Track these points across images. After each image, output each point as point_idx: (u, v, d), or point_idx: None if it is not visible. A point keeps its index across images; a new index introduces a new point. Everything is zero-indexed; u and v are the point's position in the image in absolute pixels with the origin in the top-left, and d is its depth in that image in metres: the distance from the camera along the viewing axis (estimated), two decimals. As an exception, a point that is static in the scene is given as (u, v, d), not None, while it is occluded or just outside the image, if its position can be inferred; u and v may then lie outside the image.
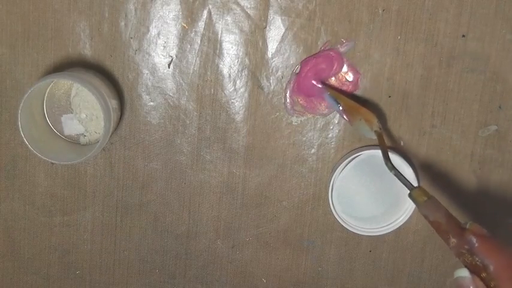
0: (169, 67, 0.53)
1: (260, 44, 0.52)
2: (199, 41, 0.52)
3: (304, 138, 0.54)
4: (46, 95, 0.53)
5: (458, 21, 0.52)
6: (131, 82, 0.53)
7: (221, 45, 0.52)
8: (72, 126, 0.53)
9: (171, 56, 0.52)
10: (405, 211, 0.54)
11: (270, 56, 0.52)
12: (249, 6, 0.51)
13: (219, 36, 0.52)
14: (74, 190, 0.55)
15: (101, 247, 0.56)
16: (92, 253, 0.56)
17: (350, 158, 0.52)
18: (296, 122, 0.54)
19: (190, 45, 0.52)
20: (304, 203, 0.55)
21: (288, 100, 0.53)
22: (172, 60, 0.52)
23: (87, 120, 0.52)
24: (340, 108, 0.51)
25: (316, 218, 0.56)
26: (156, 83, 0.53)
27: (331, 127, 0.54)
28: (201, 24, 0.52)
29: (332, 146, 0.54)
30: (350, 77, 0.53)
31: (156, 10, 0.51)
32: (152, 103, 0.53)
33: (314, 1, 0.51)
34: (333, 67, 0.53)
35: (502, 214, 0.56)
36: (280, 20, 0.52)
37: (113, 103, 0.50)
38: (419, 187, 0.44)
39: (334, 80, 0.53)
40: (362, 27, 0.52)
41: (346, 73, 0.53)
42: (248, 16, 0.52)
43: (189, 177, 0.55)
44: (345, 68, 0.53)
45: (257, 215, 0.56)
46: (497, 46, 0.52)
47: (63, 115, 0.53)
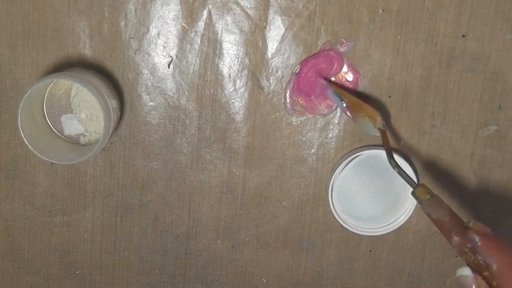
0: (169, 67, 0.53)
1: (260, 44, 0.52)
2: (199, 41, 0.52)
3: (304, 138, 0.54)
4: (46, 95, 0.53)
5: (458, 21, 0.52)
6: (131, 82, 0.53)
7: (221, 45, 0.52)
8: (72, 126, 0.53)
9: (171, 56, 0.52)
10: (405, 211, 0.54)
11: (270, 56, 0.52)
12: (249, 6, 0.51)
13: (219, 36, 0.52)
14: (74, 190, 0.55)
15: (101, 247, 0.56)
16: (92, 253, 0.56)
17: (350, 158, 0.52)
18: (296, 122, 0.54)
19: (190, 45, 0.52)
20: (304, 203, 0.55)
21: (288, 100, 0.53)
22: (172, 60, 0.52)
23: (87, 120, 0.52)
24: (343, 104, 0.51)
25: (316, 218, 0.56)
26: (156, 83, 0.53)
27: (331, 127, 0.54)
28: (201, 24, 0.52)
29: (332, 146, 0.54)
30: (350, 77, 0.53)
31: (156, 10, 0.51)
32: (152, 103, 0.53)
33: (314, 1, 0.51)
34: (333, 67, 0.53)
35: (502, 214, 0.56)
36: (280, 20, 0.52)
37: (113, 103, 0.50)
38: (422, 185, 0.43)
39: (334, 80, 0.53)
40: (362, 27, 0.52)
41: (346, 73, 0.53)
42: (248, 16, 0.52)
43: (189, 177, 0.55)
44: (345, 68, 0.53)
45: (257, 215, 0.56)
46: (497, 46, 0.52)
47: (63, 115, 0.53)
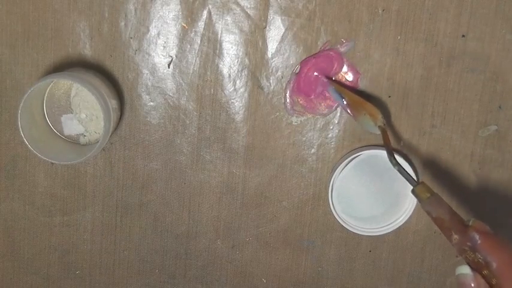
0: (169, 67, 0.53)
1: (260, 44, 0.52)
2: (199, 41, 0.52)
3: (304, 138, 0.54)
4: (46, 95, 0.53)
5: (458, 21, 0.52)
6: (131, 82, 0.53)
7: (221, 45, 0.52)
8: (72, 126, 0.53)
9: (171, 56, 0.52)
10: (405, 211, 0.54)
11: (270, 56, 0.52)
12: (249, 6, 0.51)
13: (219, 36, 0.52)
14: (74, 190, 0.55)
15: (101, 247, 0.56)
16: (92, 253, 0.56)
17: (350, 158, 0.52)
18: (296, 122, 0.54)
19: (190, 45, 0.52)
20: (304, 203, 0.55)
21: (288, 100, 0.53)
22: (172, 60, 0.52)
23: (87, 120, 0.53)
24: (344, 102, 0.51)
25: (316, 218, 0.56)
26: (156, 83, 0.53)
27: (331, 127, 0.54)
28: (201, 24, 0.52)
29: (332, 146, 0.54)
30: (350, 77, 0.53)
31: (156, 10, 0.51)
32: (152, 103, 0.53)
33: (314, 1, 0.51)
34: (333, 67, 0.53)
35: (502, 214, 0.56)
36: (280, 20, 0.52)
37: (113, 103, 0.50)
38: (422, 183, 0.43)
39: (334, 78, 0.53)
40: (362, 27, 0.52)
41: (346, 73, 0.53)
42: (248, 16, 0.51)
43: (189, 177, 0.55)
44: (345, 68, 0.53)
45: (257, 215, 0.55)
46: (497, 46, 0.52)
47: (63, 115, 0.53)
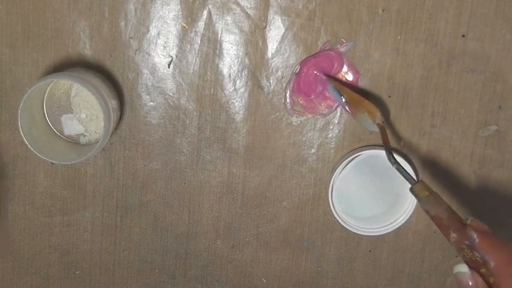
0: (169, 67, 0.53)
1: (260, 44, 0.52)
2: (199, 41, 0.52)
3: (304, 138, 0.54)
4: (46, 95, 0.53)
5: (458, 21, 0.52)
6: (131, 82, 0.53)
7: (221, 45, 0.52)
8: (72, 126, 0.53)
9: (171, 56, 0.52)
10: (405, 211, 0.54)
11: (270, 56, 0.52)
12: (249, 6, 0.51)
13: (219, 36, 0.52)
14: (74, 190, 0.55)
15: (101, 247, 0.56)
16: (92, 253, 0.56)
17: (350, 158, 0.52)
18: (296, 122, 0.54)
19: (190, 45, 0.52)
20: (304, 203, 0.55)
21: (288, 100, 0.53)
22: (172, 60, 0.52)
23: (87, 120, 0.52)
24: (343, 100, 0.51)
25: (316, 218, 0.56)
26: (156, 83, 0.53)
27: (331, 127, 0.54)
28: (201, 24, 0.52)
29: (332, 146, 0.54)
30: (350, 77, 0.53)
31: (156, 10, 0.51)
32: (152, 103, 0.53)
33: (314, 1, 0.51)
34: (333, 67, 0.53)
35: (502, 214, 0.56)
36: (280, 20, 0.52)
37: (113, 103, 0.50)
38: (421, 181, 0.43)
39: (333, 76, 0.53)
40: (362, 27, 0.52)
41: (346, 73, 0.53)
42: (248, 16, 0.51)
43: (189, 177, 0.55)
44: (345, 68, 0.53)
45: (257, 215, 0.55)
46: (497, 46, 0.52)
47: (63, 115, 0.53)
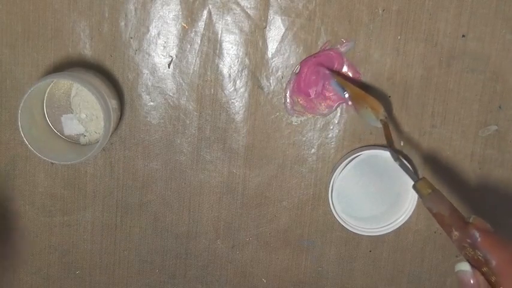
0: (169, 67, 0.53)
1: (260, 44, 0.52)
2: (199, 41, 0.52)
3: (304, 138, 0.54)
4: (46, 95, 0.53)
5: (458, 21, 0.52)
6: (131, 82, 0.53)
7: (221, 45, 0.52)
8: (72, 126, 0.53)
9: (171, 56, 0.52)
10: (405, 211, 0.54)
11: (270, 56, 0.52)
12: (249, 6, 0.51)
13: (219, 36, 0.52)
14: (74, 190, 0.55)
15: (101, 247, 0.56)
16: (92, 253, 0.56)
17: (350, 158, 0.52)
18: (296, 122, 0.54)
19: (190, 45, 0.52)
20: (304, 203, 0.55)
21: (288, 100, 0.53)
22: (172, 60, 0.52)
23: (87, 120, 0.52)
24: (346, 95, 0.51)
25: (316, 218, 0.56)
26: (156, 83, 0.53)
27: (331, 127, 0.54)
28: (201, 24, 0.52)
29: (332, 146, 0.54)
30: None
31: (156, 10, 0.51)
32: (152, 103, 0.53)
33: (314, 1, 0.51)
34: (333, 67, 0.53)
35: (502, 214, 0.56)
36: (280, 20, 0.52)
37: (113, 103, 0.50)
38: (423, 179, 0.43)
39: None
40: (362, 27, 0.52)
41: (346, 73, 0.53)
42: (248, 16, 0.51)
43: (189, 177, 0.55)
44: (345, 68, 0.53)
45: (257, 215, 0.55)
46: (497, 46, 0.52)
47: (63, 115, 0.53)
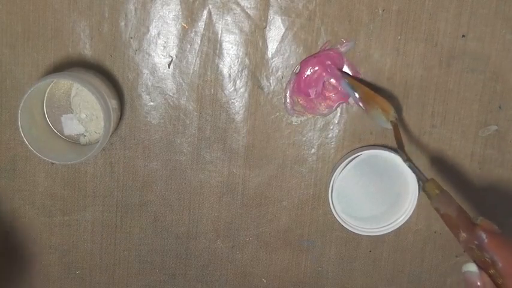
0: (169, 67, 0.53)
1: (260, 44, 0.52)
2: (199, 41, 0.52)
3: (304, 138, 0.54)
4: (46, 95, 0.53)
5: (458, 21, 0.52)
6: (131, 82, 0.53)
7: (221, 45, 0.52)
8: (72, 126, 0.53)
9: (171, 56, 0.52)
10: (405, 211, 0.54)
11: (270, 56, 0.52)
12: (249, 6, 0.51)
13: (219, 36, 0.52)
14: (74, 190, 0.55)
15: (101, 247, 0.56)
16: (92, 253, 0.56)
17: (350, 158, 0.52)
18: (296, 122, 0.54)
19: (190, 45, 0.52)
20: (304, 203, 0.55)
21: (288, 100, 0.53)
22: (172, 60, 0.52)
23: (87, 120, 0.52)
24: (356, 96, 0.51)
25: (316, 218, 0.56)
26: (156, 83, 0.53)
27: (331, 127, 0.54)
28: (201, 24, 0.52)
29: (332, 146, 0.54)
30: (350, 77, 0.53)
31: (156, 10, 0.51)
32: (152, 103, 0.53)
33: (314, 1, 0.51)
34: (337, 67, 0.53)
35: (502, 213, 0.56)
36: (280, 20, 0.52)
37: (113, 103, 0.50)
38: (432, 180, 0.43)
39: (333, 81, 0.53)
40: (362, 27, 0.52)
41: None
42: (248, 16, 0.51)
43: (189, 177, 0.55)
44: (345, 68, 0.53)
45: (257, 215, 0.55)
46: (497, 46, 0.52)
47: (63, 115, 0.53)
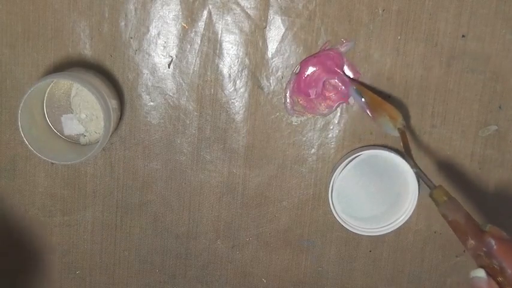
0: (169, 67, 0.53)
1: (260, 44, 0.52)
2: (199, 41, 0.52)
3: (304, 138, 0.54)
4: (46, 95, 0.53)
5: (458, 21, 0.52)
6: (131, 82, 0.53)
7: (221, 45, 0.52)
8: (72, 126, 0.53)
9: (171, 56, 0.52)
10: (405, 211, 0.54)
11: (270, 56, 0.52)
12: (249, 6, 0.51)
13: (219, 36, 0.52)
14: (74, 190, 0.55)
15: (101, 247, 0.56)
16: (92, 253, 0.56)
17: (350, 158, 0.52)
18: (296, 122, 0.54)
19: (190, 45, 0.52)
20: (304, 203, 0.55)
21: (288, 100, 0.53)
22: (172, 60, 0.52)
23: (87, 120, 0.52)
24: (364, 102, 0.51)
25: (316, 218, 0.56)
26: (156, 83, 0.53)
27: (331, 127, 0.54)
28: (201, 24, 0.52)
29: (332, 146, 0.54)
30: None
31: (156, 10, 0.51)
32: (152, 103, 0.53)
33: (314, 1, 0.51)
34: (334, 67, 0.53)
35: (503, 214, 0.56)
36: (280, 20, 0.52)
37: (113, 103, 0.50)
38: (440, 186, 0.44)
39: (333, 81, 0.53)
40: (362, 27, 0.52)
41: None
42: (248, 16, 0.51)
43: (189, 177, 0.55)
44: (345, 68, 0.53)
45: (257, 215, 0.55)
46: (497, 46, 0.52)
47: (63, 115, 0.53)
